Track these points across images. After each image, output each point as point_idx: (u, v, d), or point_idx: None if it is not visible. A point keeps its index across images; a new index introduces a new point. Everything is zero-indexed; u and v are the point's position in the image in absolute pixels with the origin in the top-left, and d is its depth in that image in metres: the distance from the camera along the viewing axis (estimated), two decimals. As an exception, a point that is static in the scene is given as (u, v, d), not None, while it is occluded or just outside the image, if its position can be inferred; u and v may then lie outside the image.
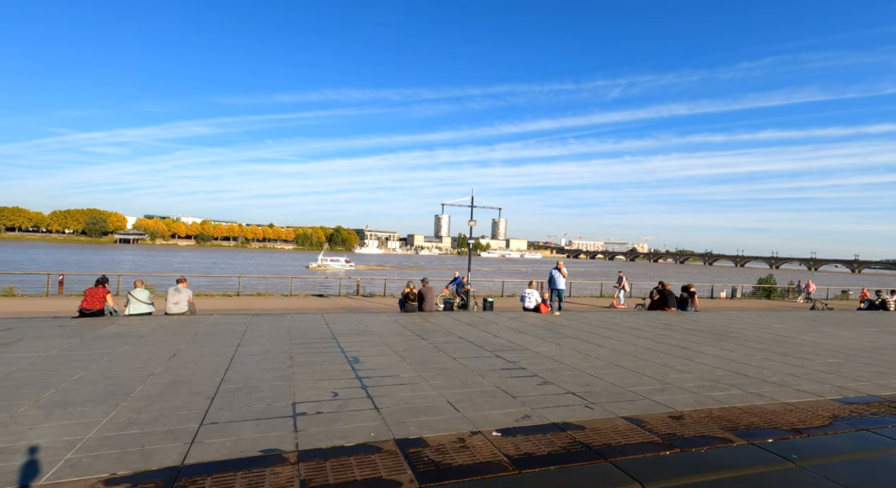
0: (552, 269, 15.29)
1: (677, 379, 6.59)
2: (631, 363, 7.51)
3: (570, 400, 5.39)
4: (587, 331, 10.92)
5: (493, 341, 9.11)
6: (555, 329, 11.03)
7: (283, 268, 77.04)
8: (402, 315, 12.60)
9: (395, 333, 9.65)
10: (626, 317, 14.03)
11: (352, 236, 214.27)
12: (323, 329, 9.86)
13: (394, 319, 11.69)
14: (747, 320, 14.31)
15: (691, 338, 10.29)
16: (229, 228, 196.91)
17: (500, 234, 19.72)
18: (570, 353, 8.14)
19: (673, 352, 8.63)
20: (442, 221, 18.91)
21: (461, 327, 10.74)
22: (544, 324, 11.89)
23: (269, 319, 11.09)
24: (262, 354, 7.27)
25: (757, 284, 39.44)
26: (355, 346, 8.11)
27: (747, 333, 11.44)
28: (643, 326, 12.00)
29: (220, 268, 72.88)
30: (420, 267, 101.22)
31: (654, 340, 9.86)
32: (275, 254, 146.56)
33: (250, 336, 8.79)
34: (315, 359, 7.02)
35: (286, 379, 5.91)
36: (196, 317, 10.90)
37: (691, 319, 13.89)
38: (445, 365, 6.99)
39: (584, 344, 9.15)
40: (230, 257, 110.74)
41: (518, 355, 7.84)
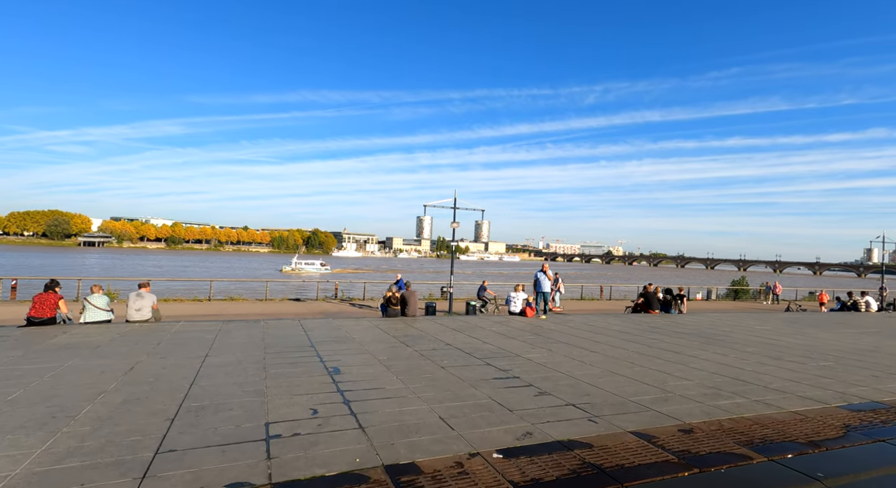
0: (537, 272, 14.98)
1: (678, 386, 6.27)
2: (627, 370, 7.18)
3: (572, 413, 4.98)
4: (576, 335, 10.60)
5: (482, 347, 8.67)
6: (543, 333, 10.67)
7: (257, 272, 74.73)
8: (384, 320, 12.05)
9: (377, 340, 9.11)
10: (612, 320, 13.81)
11: (329, 239, 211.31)
12: (300, 336, 9.24)
13: (376, 325, 11.13)
14: (730, 322, 14.28)
15: (681, 342, 10.08)
16: (202, 231, 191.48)
17: (484, 236, 19.58)
18: (563, 360, 7.77)
19: (667, 356, 8.36)
20: (424, 223, 18.63)
21: (447, 333, 10.27)
22: (532, 328, 11.52)
23: (242, 326, 10.39)
24: (233, 365, 6.63)
25: (730, 286, 40.32)
26: (336, 355, 7.54)
27: (734, 336, 11.33)
28: (631, 330, 11.77)
29: (191, 271, 70.36)
30: (398, 270, 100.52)
31: (645, 344, 9.59)
32: (249, 257, 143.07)
33: (220, 345, 8.12)
34: (292, 371, 6.43)
35: (259, 394, 5.33)
36: (161, 325, 10.10)
37: (677, 322, 13.78)
38: (434, 375, 6.50)
39: (576, 349, 8.81)
40: (202, 260, 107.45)
41: (509, 362, 7.42)
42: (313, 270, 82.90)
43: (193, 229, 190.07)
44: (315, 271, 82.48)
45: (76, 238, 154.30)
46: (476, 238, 40.36)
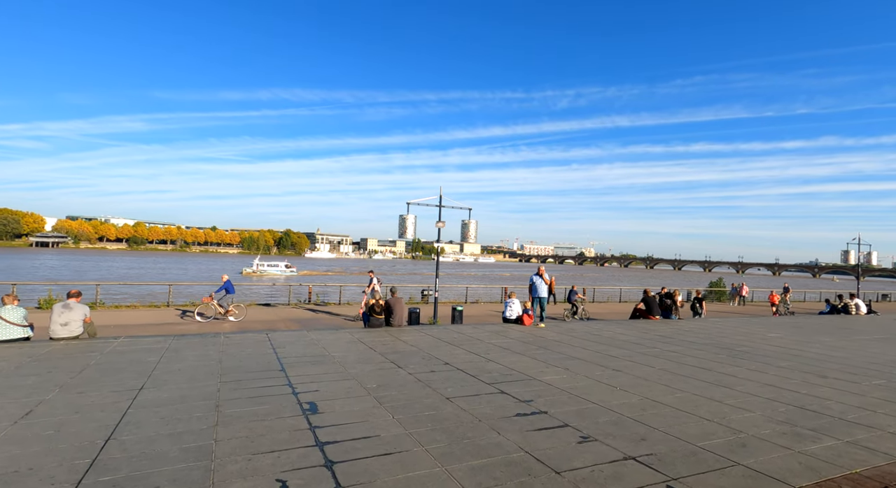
0: (533, 275, 13.73)
1: (743, 422, 5.06)
2: (668, 396, 5.95)
3: (641, 475, 3.67)
4: (585, 348, 9.37)
5: (487, 367, 7.31)
6: (550, 346, 9.40)
7: (216, 274, 70.39)
8: (367, 332, 10.54)
9: (363, 360, 7.61)
10: (615, 328, 12.70)
11: (302, 240, 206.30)
12: (267, 355, 7.66)
13: (358, 338, 9.61)
14: (737, 329, 13.40)
15: (705, 356, 8.97)
16: (166, 231, 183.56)
17: (471, 237, 18.06)
18: (588, 383, 6.48)
19: (702, 376, 7.20)
20: (407, 222, 16.99)
21: (442, 348, 8.85)
22: (535, 339, 10.24)
23: (197, 342, 8.69)
24: (174, 404, 5.04)
25: (709, 288, 40.40)
26: (312, 383, 6.03)
27: (754, 347, 10.34)
28: (642, 340, 10.64)
29: (150, 274, 66.45)
30: (370, 271, 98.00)
31: (667, 359, 8.43)
32: (217, 258, 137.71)
33: (164, 370, 6.47)
34: (253, 410, 4.90)
35: (203, 454, 3.79)
36: (93, 343, 8.29)
37: (682, 329, 12.78)
38: (440, 410, 5.09)
39: (595, 368, 7.55)
40: (165, 262, 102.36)
41: (526, 388, 6.08)
42: (277, 272, 77.81)
43: (158, 229, 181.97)
44: (279, 273, 77.28)
45: (27, 238, 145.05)
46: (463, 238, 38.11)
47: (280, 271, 78.86)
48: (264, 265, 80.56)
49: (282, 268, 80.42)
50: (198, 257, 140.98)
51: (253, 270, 77.40)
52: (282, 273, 77.94)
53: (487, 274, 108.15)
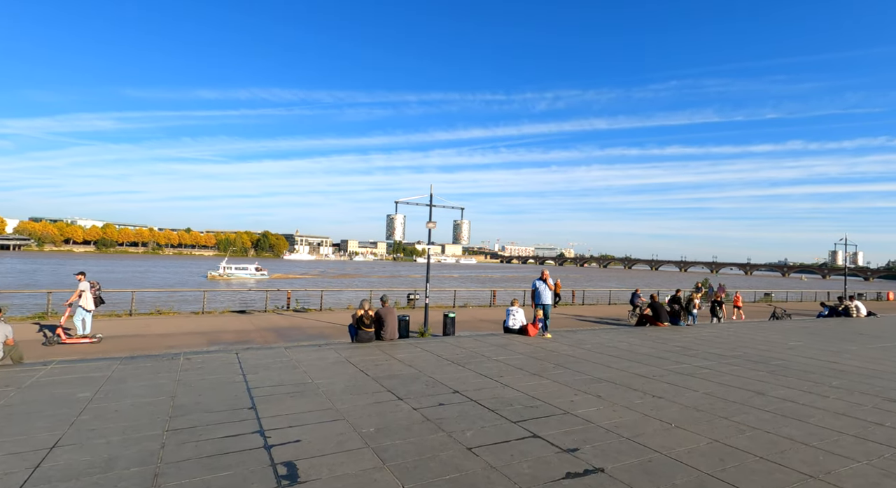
0: (536, 280, 12.56)
1: (857, 478, 3.92)
2: (738, 437, 4.79)
3: None
4: (606, 364, 8.21)
5: (506, 395, 6.05)
6: (566, 363, 8.20)
7: (185, 278, 65.97)
8: (355, 347, 9.16)
9: (354, 388, 6.25)
10: (625, 337, 11.61)
11: (280, 241, 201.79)
12: (235, 385, 6.23)
13: (346, 357, 8.23)
14: (750, 336, 12.48)
15: (741, 373, 7.91)
16: (138, 233, 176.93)
17: (463, 238, 16.80)
18: (634, 418, 5.29)
19: (754, 402, 6.09)
20: (396, 222, 15.62)
21: (446, 368, 7.56)
22: (546, 354, 9.03)
23: (149, 366, 7.18)
24: (93, 474, 3.61)
25: (692, 288, 40.16)
26: (290, 429, 4.66)
27: (785, 359, 9.35)
28: (661, 352, 9.55)
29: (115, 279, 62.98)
30: (349, 274, 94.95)
31: (704, 378, 7.33)
32: (191, 260, 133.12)
33: (94, 414, 4.99)
34: (205, 480, 3.52)
35: None
36: (12, 373, 6.69)
37: (698, 338, 11.79)
38: (464, 471, 3.79)
39: (630, 393, 6.37)
40: (134, 265, 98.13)
41: (563, 428, 4.85)
42: (246, 275, 72.49)
43: (129, 231, 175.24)
44: (248, 276, 72.09)
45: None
46: (455, 239, 36.26)
47: (249, 274, 73.51)
48: (232, 268, 74.62)
49: (251, 271, 74.94)
50: (169, 260, 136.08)
51: (219, 273, 72.10)
52: (251, 276, 72.86)
53: (470, 275, 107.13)
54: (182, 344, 13.58)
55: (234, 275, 72.10)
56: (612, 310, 26.10)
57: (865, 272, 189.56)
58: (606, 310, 26.28)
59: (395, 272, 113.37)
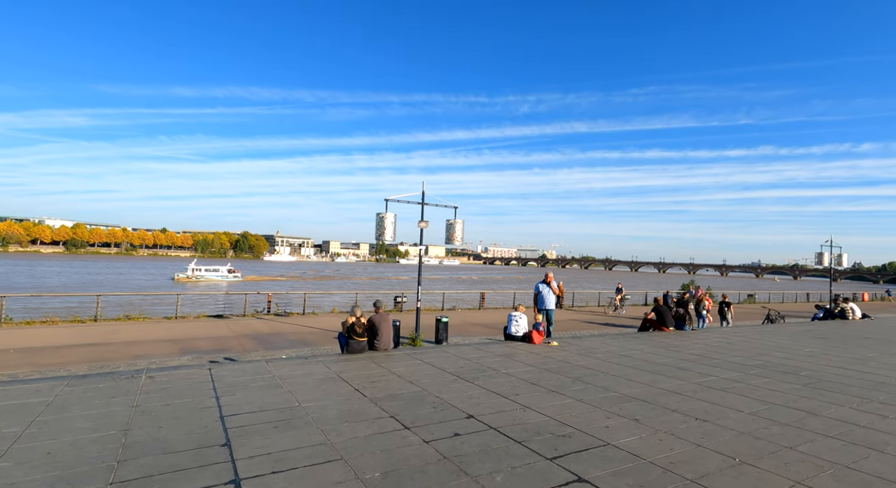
0: (539, 283, 11.74)
1: None
2: (824, 478, 3.98)
3: None
4: (628, 377, 7.40)
5: (529, 420, 5.16)
6: (584, 376, 7.35)
7: (147, 282, 61.23)
8: (346, 360, 8.15)
9: (348, 414, 5.26)
10: (634, 343, 10.86)
11: (260, 242, 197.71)
12: (206, 412, 5.19)
13: (336, 372, 7.22)
14: (761, 342, 11.90)
15: (777, 387, 7.19)
16: (110, 233, 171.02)
17: (457, 238, 15.87)
18: (686, 449, 4.45)
19: (811, 425, 5.33)
20: (386, 221, 14.60)
21: (452, 385, 6.62)
22: (558, 365, 8.18)
23: (103, 387, 6.05)
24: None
25: (680, 290, 40.16)
26: (273, 475, 3.65)
27: (812, 368, 8.71)
28: (678, 362, 8.81)
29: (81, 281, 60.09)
30: (330, 276, 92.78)
31: (741, 394, 6.57)
32: (165, 261, 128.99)
33: (16, 459, 3.86)
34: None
35: None
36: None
37: (709, 344, 11.12)
38: (508, 541, 2.89)
39: (669, 415, 5.55)
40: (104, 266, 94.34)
41: (609, 466, 3.97)
42: (216, 277, 67.92)
43: (100, 231, 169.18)
44: (219, 279, 67.59)
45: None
46: (448, 240, 34.51)
47: (221, 276, 69.06)
48: (201, 270, 69.95)
49: (223, 272, 70.46)
50: (141, 261, 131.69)
51: (187, 275, 67.38)
52: (223, 278, 68.50)
53: (455, 277, 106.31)
54: (151, 353, 12.35)
55: (203, 277, 67.61)
56: (603, 312, 25.54)
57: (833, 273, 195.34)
58: (599, 311, 25.70)
59: (378, 273, 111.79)
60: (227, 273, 70.16)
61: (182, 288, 53.20)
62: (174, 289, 46.68)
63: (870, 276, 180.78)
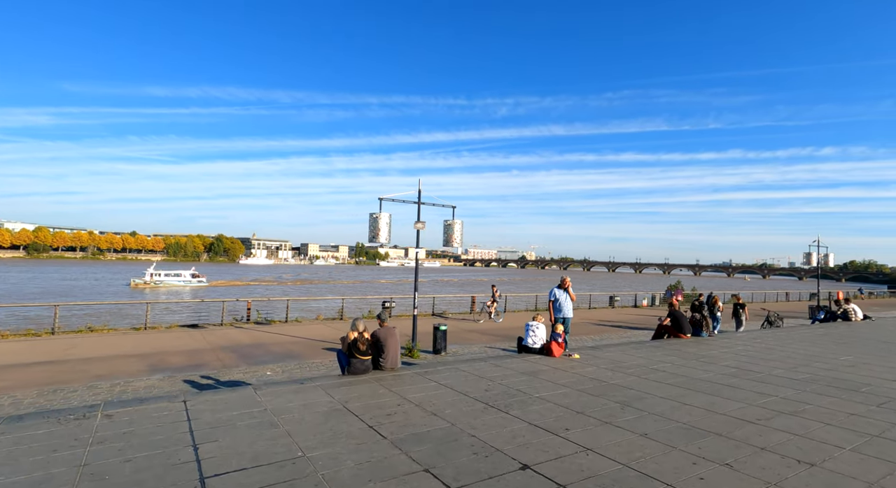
0: (555, 288, 10.70)
1: None
2: None
3: None
4: (679, 399, 6.40)
5: (598, 470, 4.05)
6: (632, 401, 6.30)
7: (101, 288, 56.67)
8: (349, 383, 6.92)
9: (368, 466, 4.03)
10: (659, 354, 9.93)
11: (236, 245, 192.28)
12: (178, 469, 3.90)
13: (341, 401, 5.98)
14: (792, 350, 11.15)
15: (850, 409, 6.29)
16: (75, 236, 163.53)
17: (455, 240, 14.79)
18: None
19: (931, 461, 4.42)
20: (381, 221, 13.41)
21: (484, 416, 5.46)
22: (592, 383, 7.13)
23: (39, 436, 4.67)
24: None
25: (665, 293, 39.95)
26: None
27: (870, 382, 7.90)
28: (719, 377, 7.87)
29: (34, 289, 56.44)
30: (307, 280, 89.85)
31: (824, 422, 5.62)
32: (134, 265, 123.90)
33: None
34: None
35: None
36: None
37: (736, 353, 10.29)
38: None
39: (765, 456, 4.53)
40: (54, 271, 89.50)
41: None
42: (179, 283, 62.60)
43: (65, 235, 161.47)
44: (182, 284, 62.40)
45: None
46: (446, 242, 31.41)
47: (183, 281, 63.67)
48: (161, 274, 64.04)
49: (186, 277, 64.86)
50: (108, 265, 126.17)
51: (145, 281, 61.54)
52: (186, 283, 63.26)
53: (438, 279, 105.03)
54: (115, 372, 10.85)
55: (163, 282, 62.04)
56: (599, 314, 24.77)
57: (799, 272, 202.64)
58: (592, 314, 24.90)
59: (358, 277, 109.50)
60: (190, 277, 65.04)
61: (140, 294, 49.97)
62: (127, 296, 43.66)
63: (833, 275, 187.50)
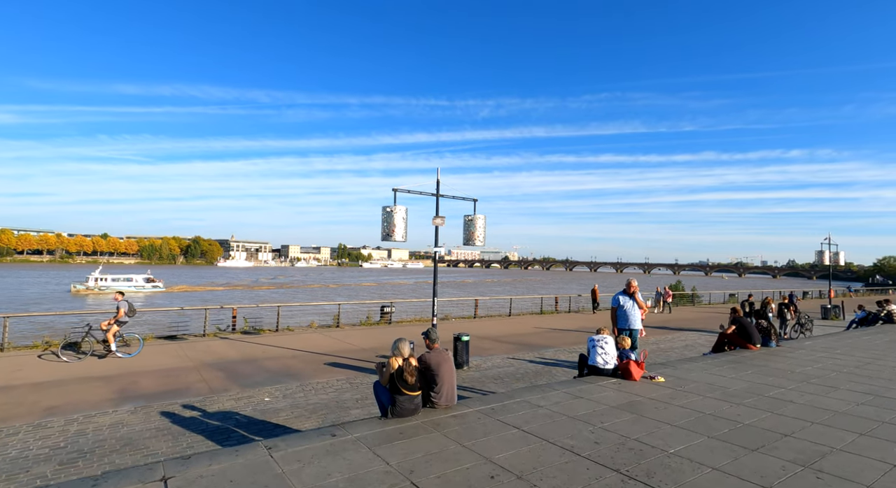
0: (619, 294, 8.83)
1: None
2: None
3: None
4: (859, 450, 4.64)
5: None
6: (808, 458, 4.48)
7: (42, 295, 50.19)
8: (397, 433, 4.92)
9: None
10: (755, 374, 8.20)
11: (214, 247, 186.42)
12: None
13: (402, 470, 3.96)
14: (874, 362, 9.61)
15: None
16: (42, 239, 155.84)
17: (477, 238, 12.86)
18: None
19: None
20: (396, 216, 11.37)
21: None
22: (729, 428, 5.30)
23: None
24: None
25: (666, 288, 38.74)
26: None
27: None
28: (873, 411, 6.20)
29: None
30: (285, 284, 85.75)
31: None
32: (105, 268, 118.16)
33: None
34: None
35: None
36: None
37: (837, 369, 8.65)
38: None
39: None
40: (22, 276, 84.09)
41: None
42: (129, 288, 53.35)
43: (30, 237, 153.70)
44: (133, 290, 53.78)
45: None
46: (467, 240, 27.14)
47: (135, 287, 55.32)
48: (107, 279, 56.17)
49: (139, 282, 56.72)
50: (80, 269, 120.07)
51: (87, 287, 54.16)
52: (138, 289, 54.94)
53: (422, 280, 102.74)
54: (73, 401, 8.61)
55: (110, 288, 53.60)
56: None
57: (773, 270, 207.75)
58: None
59: (341, 279, 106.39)
60: (143, 282, 57.26)
61: (82, 301, 43.62)
62: (67, 305, 38.72)
63: (804, 273, 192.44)
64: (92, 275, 56.36)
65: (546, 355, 13.45)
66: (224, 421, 7.66)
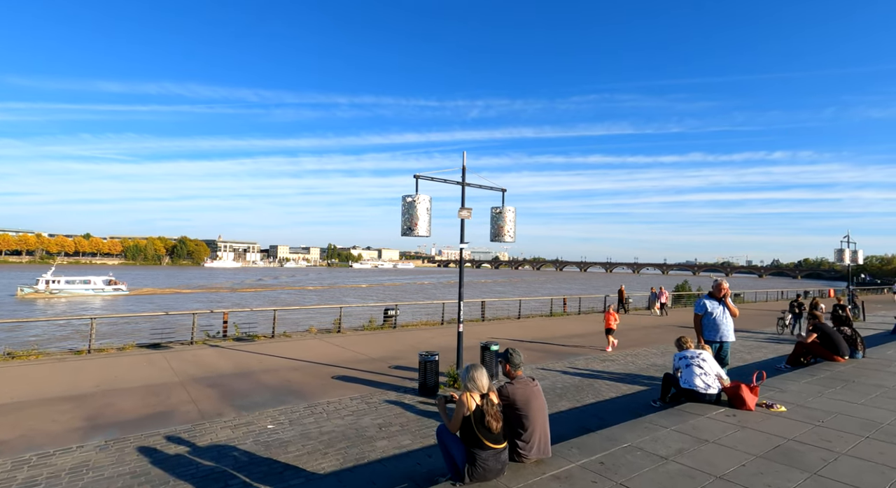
0: (704, 298, 7.27)
1: None
2: None
3: None
4: None
5: None
6: None
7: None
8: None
9: None
10: (858, 396, 6.74)
11: (201, 248, 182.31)
12: None
13: None
14: None
15: None
16: (21, 239, 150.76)
17: (507, 234, 11.24)
18: None
19: None
20: (419, 207, 9.63)
21: None
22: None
23: None
24: None
25: (674, 291, 37.69)
26: None
27: None
28: None
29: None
30: (270, 285, 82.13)
31: None
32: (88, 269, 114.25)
33: None
34: None
35: None
36: None
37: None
38: None
39: None
40: None
41: None
42: (87, 292, 48.53)
43: (9, 237, 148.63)
44: (90, 293, 48.56)
45: None
46: (495, 235, 8.85)
47: (93, 290, 49.25)
48: (60, 281, 49.21)
49: (98, 285, 50.14)
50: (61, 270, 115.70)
51: (37, 290, 47.31)
52: (97, 293, 49.03)
53: (415, 281, 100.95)
54: (28, 433, 6.81)
55: (64, 291, 47.82)
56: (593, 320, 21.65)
57: (759, 270, 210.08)
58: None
59: (331, 281, 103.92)
60: (103, 285, 50.90)
61: (31, 307, 37.63)
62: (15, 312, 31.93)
63: (789, 272, 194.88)
64: (43, 277, 49.13)
65: (578, 365, 11.92)
66: (219, 459, 5.96)
